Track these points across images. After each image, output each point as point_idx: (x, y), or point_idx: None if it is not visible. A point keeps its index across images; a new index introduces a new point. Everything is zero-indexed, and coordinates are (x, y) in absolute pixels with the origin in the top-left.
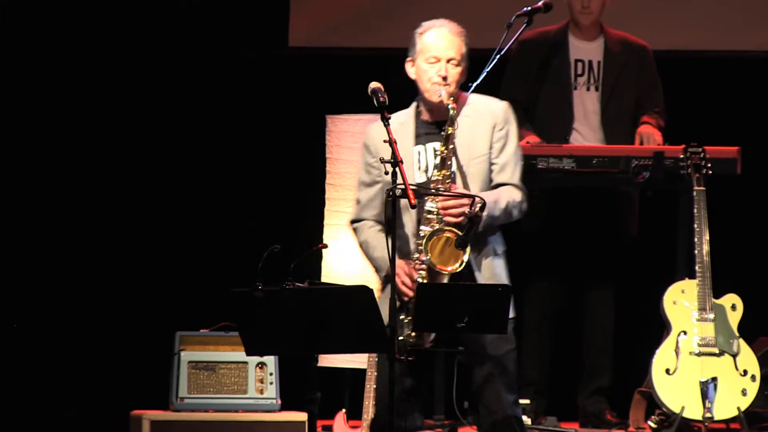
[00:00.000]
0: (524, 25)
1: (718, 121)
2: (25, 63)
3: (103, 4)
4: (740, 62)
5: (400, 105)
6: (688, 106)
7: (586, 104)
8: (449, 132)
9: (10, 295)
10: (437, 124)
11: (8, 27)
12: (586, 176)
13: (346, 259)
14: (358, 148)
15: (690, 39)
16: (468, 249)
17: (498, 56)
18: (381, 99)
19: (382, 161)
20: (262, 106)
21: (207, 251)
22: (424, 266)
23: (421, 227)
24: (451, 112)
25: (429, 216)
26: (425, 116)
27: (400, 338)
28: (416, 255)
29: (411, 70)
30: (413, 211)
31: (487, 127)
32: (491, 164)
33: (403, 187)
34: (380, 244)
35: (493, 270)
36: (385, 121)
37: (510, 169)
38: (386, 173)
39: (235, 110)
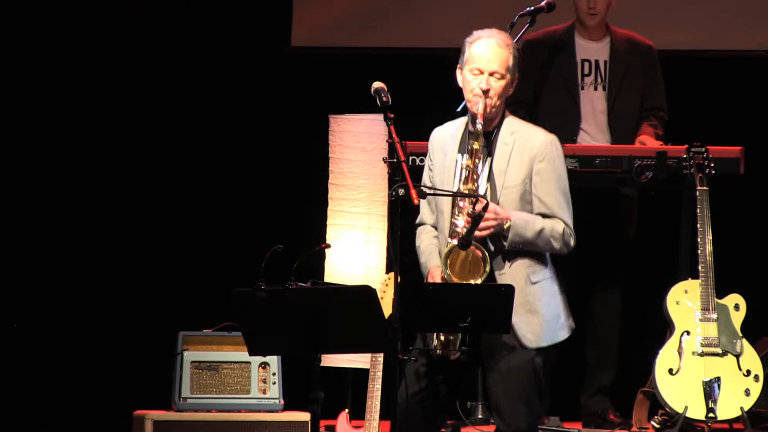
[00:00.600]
0: (527, 25)
1: (722, 121)
2: (20, 61)
3: (104, 2)
4: (744, 62)
5: (404, 105)
6: (692, 105)
7: (594, 104)
8: (474, 146)
9: (13, 295)
10: (483, 135)
11: (4, 24)
12: (589, 176)
13: (349, 259)
14: (360, 148)
15: (693, 38)
16: (489, 263)
17: None
18: (384, 99)
19: (385, 161)
20: (265, 106)
21: (209, 251)
22: (446, 277)
23: (449, 240)
24: (478, 126)
25: (456, 229)
26: (471, 126)
27: (428, 348)
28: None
29: (459, 78)
30: (447, 218)
31: (524, 159)
32: (532, 198)
33: (405, 185)
34: (427, 249)
35: (526, 298)
36: (388, 120)
37: (554, 204)
38: (388, 173)
39: (237, 110)
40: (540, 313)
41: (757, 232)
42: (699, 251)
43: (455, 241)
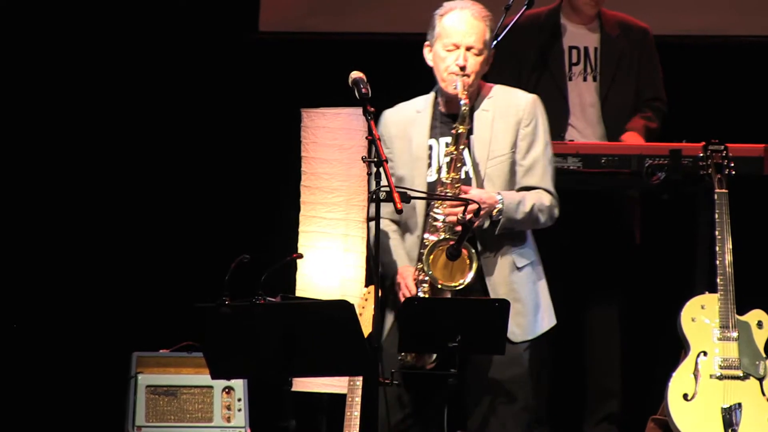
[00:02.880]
0: (524, 7)
1: (743, 116)
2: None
3: None
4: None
5: (385, 97)
6: (709, 98)
7: (583, 96)
8: (459, 131)
9: None
10: (454, 117)
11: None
12: (594, 177)
13: (324, 270)
14: (337, 146)
15: (711, 22)
16: (475, 263)
17: (495, 42)
18: (363, 91)
19: (364, 160)
20: (229, 99)
21: (167, 261)
22: (426, 278)
23: (426, 235)
24: (464, 108)
25: (435, 224)
26: (443, 107)
27: (398, 358)
28: (420, 264)
29: (428, 56)
30: (421, 214)
31: (509, 124)
32: (516, 165)
33: (388, 189)
34: (391, 246)
35: (511, 286)
36: (368, 115)
37: (539, 172)
38: (368, 174)
39: (198, 104)
40: (524, 302)
41: None
42: (717, 262)
43: (435, 238)
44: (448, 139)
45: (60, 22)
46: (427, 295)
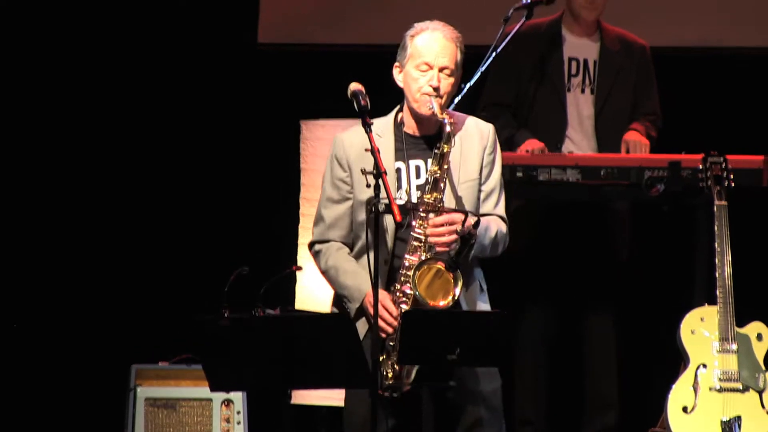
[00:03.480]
0: (523, 19)
1: (742, 127)
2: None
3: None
4: (767, 60)
5: (386, 108)
6: (708, 110)
7: (581, 108)
8: (445, 150)
9: None
10: (425, 139)
11: None
12: (593, 189)
13: (323, 283)
14: None
15: (709, 33)
16: (460, 282)
17: (494, 54)
18: (362, 102)
19: (364, 172)
20: (229, 111)
21: (166, 273)
22: (406, 299)
23: (407, 256)
24: (448, 128)
25: (416, 243)
26: (410, 129)
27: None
28: (398, 286)
29: (398, 76)
30: (389, 236)
31: (475, 150)
32: (479, 191)
33: (387, 201)
34: (353, 269)
35: (481, 308)
36: (367, 127)
37: (495, 198)
38: (368, 186)
39: (197, 116)
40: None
41: None
42: (717, 274)
43: (415, 258)
44: (419, 162)
45: (60, 30)
46: None
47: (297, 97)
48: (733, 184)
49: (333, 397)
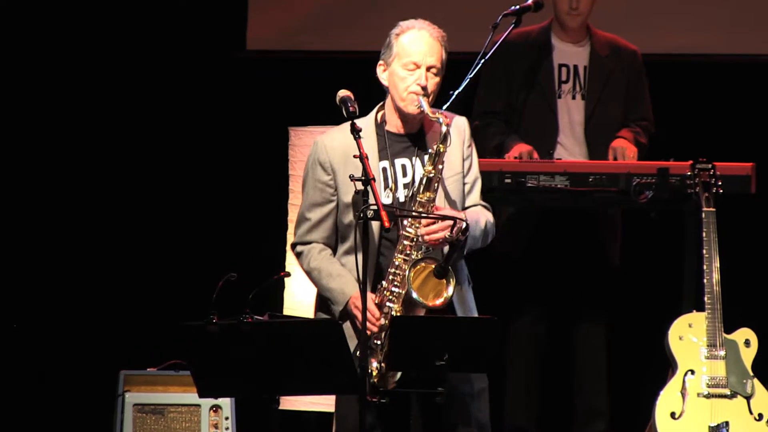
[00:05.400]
0: (512, 25)
1: (730, 134)
2: None
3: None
4: (755, 67)
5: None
6: (696, 117)
7: (571, 114)
8: (441, 150)
9: None
10: (409, 137)
11: None
12: (581, 196)
13: (311, 289)
14: None
15: (698, 41)
16: (453, 282)
17: (483, 61)
18: (351, 109)
19: (352, 179)
20: (216, 117)
21: (154, 279)
22: (394, 298)
23: (396, 255)
24: (445, 128)
25: (406, 242)
26: (394, 128)
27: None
28: (385, 284)
29: (383, 74)
30: (375, 235)
31: (457, 144)
32: (463, 184)
33: (375, 207)
34: (337, 271)
35: (468, 303)
36: (356, 133)
37: (478, 189)
38: (356, 192)
39: (185, 123)
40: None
41: None
42: (705, 280)
43: (414, 256)
44: (405, 160)
45: (46, 36)
46: (398, 314)
47: (285, 104)
48: (721, 191)
49: (321, 403)
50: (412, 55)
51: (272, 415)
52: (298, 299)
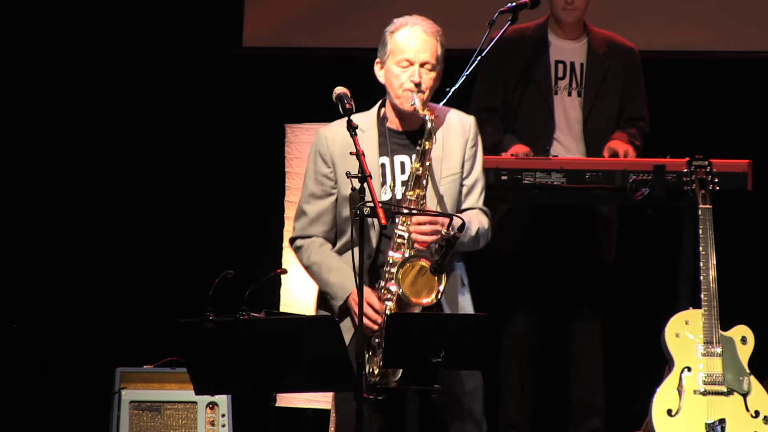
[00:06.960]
0: (508, 22)
1: (727, 131)
2: None
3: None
4: (751, 64)
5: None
6: (693, 114)
7: (568, 111)
8: (426, 147)
9: None
10: (408, 135)
11: None
12: (578, 193)
13: (308, 285)
14: None
15: (695, 38)
16: (444, 279)
17: (479, 58)
18: (348, 106)
19: (349, 176)
20: (213, 115)
21: (151, 276)
22: (390, 296)
23: (390, 253)
24: (429, 124)
25: (399, 240)
26: (393, 124)
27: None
28: (383, 283)
29: (380, 73)
30: (374, 232)
31: (458, 143)
32: (461, 185)
33: (372, 204)
34: (337, 266)
35: (461, 304)
36: (352, 130)
37: (478, 192)
38: (353, 189)
39: (181, 120)
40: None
41: (766, 255)
42: (701, 277)
43: (399, 255)
44: (404, 157)
45: (42, 36)
46: (393, 311)
47: (281, 101)
48: (717, 188)
49: (318, 400)
50: (405, 51)
51: (269, 412)
52: (295, 296)
